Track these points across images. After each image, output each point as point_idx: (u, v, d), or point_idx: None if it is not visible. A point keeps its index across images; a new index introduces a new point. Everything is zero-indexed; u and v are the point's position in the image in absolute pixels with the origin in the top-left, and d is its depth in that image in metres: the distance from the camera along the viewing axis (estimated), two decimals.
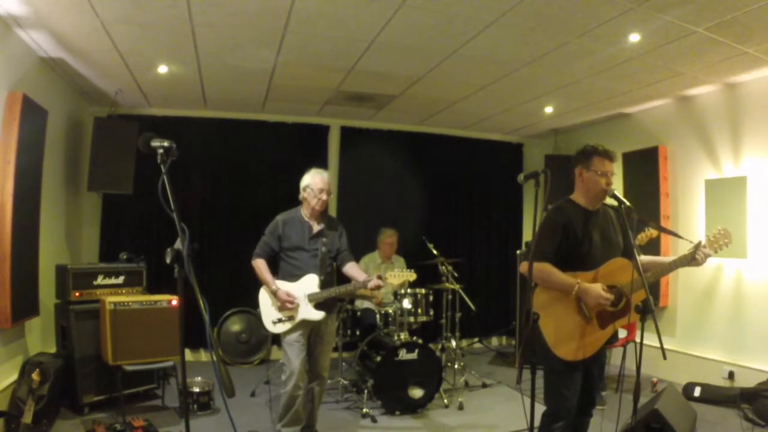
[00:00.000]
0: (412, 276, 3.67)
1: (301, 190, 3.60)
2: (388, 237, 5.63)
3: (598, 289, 2.59)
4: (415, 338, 4.59)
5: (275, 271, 3.61)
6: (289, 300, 3.43)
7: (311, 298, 3.48)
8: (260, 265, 3.56)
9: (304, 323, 3.51)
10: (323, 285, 3.53)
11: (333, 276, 3.71)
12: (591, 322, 2.66)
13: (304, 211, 3.61)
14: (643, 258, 2.80)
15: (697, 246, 2.68)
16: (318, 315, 3.49)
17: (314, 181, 3.54)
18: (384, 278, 3.52)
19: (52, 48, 4.19)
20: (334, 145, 6.84)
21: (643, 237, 4.18)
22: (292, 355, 3.46)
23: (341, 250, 3.70)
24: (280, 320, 3.50)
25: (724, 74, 4.64)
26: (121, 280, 4.62)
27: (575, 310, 2.67)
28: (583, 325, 2.66)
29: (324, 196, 3.53)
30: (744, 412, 4.19)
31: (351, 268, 3.70)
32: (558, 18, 3.62)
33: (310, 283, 3.51)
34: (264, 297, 3.58)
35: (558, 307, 2.67)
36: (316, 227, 3.59)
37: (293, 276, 3.54)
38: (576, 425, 2.78)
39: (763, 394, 4.12)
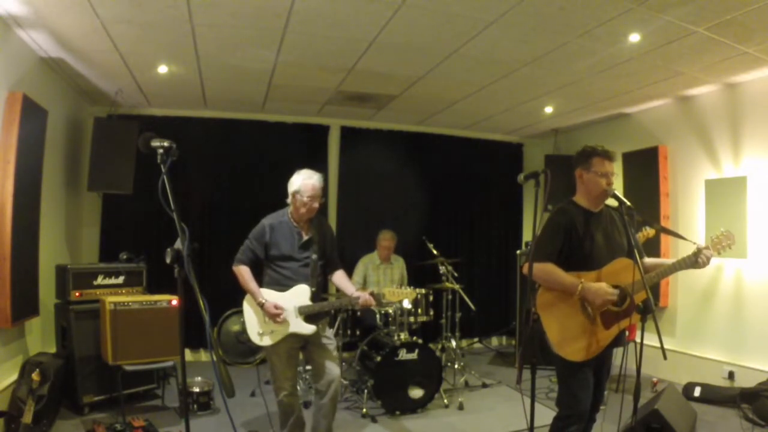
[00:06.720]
0: (411, 294, 3.46)
1: (289, 193, 3.29)
2: (385, 240, 5.63)
3: (602, 286, 2.59)
4: (415, 338, 4.59)
5: (259, 278, 3.31)
6: (278, 313, 3.15)
7: (302, 310, 3.22)
8: (244, 273, 3.26)
9: (294, 336, 3.24)
10: (314, 296, 3.27)
11: (323, 283, 3.49)
12: (595, 322, 2.65)
13: (293, 215, 3.32)
14: (646, 260, 2.80)
15: (700, 248, 2.66)
16: (309, 329, 3.22)
17: (305, 188, 3.22)
18: (382, 295, 3.33)
19: (52, 48, 4.19)
20: (334, 145, 6.84)
21: (640, 237, 4.14)
22: (281, 367, 3.23)
23: (330, 257, 3.45)
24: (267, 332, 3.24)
25: (724, 74, 4.64)
26: (121, 280, 4.62)
27: (579, 310, 2.66)
28: (587, 325, 2.65)
29: (315, 204, 3.25)
30: (744, 412, 4.19)
31: (340, 278, 3.48)
32: (558, 18, 3.62)
33: (301, 294, 3.24)
34: (249, 307, 3.29)
35: (562, 307, 2.67)
36: (306, 235, 3.31)
37: (282, 286, 3.26)
38: None
39: (763, 394, 4.12)
